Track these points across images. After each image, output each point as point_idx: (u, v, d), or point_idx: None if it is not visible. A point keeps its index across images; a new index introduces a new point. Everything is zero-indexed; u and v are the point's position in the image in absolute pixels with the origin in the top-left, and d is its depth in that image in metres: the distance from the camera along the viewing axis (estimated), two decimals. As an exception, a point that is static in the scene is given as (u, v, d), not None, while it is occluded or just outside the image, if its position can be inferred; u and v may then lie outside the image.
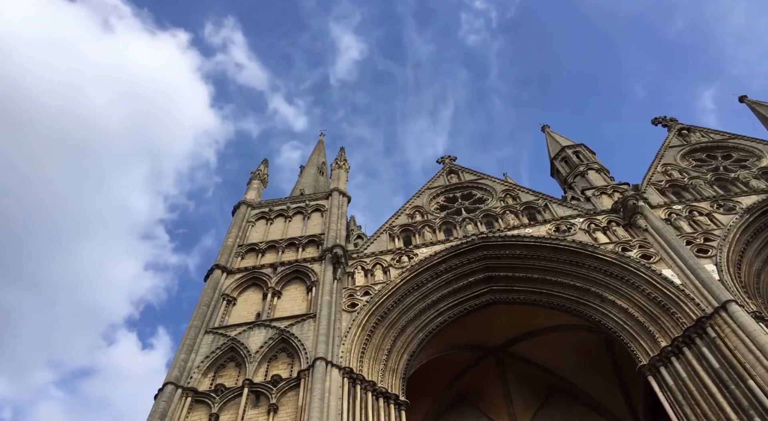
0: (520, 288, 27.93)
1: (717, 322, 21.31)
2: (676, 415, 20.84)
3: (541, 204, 32.56)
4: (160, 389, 21.99)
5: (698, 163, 35.29)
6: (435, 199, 36.49)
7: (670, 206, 29.53)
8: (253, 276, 29.07)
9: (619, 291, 25.07)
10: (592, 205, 31.25)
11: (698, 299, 22.44)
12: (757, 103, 41.96)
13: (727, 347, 20.46)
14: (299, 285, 28.22)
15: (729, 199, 29.28)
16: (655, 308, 23.59)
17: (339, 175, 38.90)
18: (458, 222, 32.30)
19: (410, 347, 26.00)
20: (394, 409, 23.06)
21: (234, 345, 24.25)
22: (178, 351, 23.92)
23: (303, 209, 35.31)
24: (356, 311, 25.58)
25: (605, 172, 36.46)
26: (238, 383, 22.46)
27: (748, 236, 26.72)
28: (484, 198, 35.40)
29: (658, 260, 25.27)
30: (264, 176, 41.74)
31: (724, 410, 19.52)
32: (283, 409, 21.12)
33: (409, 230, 32.49)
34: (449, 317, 27.38)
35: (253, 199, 37.05)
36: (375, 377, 23.55)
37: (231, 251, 30.99)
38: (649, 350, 23.01)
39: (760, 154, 34.57)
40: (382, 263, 29.14)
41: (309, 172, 51.33)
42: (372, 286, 27.30)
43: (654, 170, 33.96)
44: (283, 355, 23.83)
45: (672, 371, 21.76)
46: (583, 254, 26.68)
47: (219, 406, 21.57)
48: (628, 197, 29.03)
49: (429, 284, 27.60)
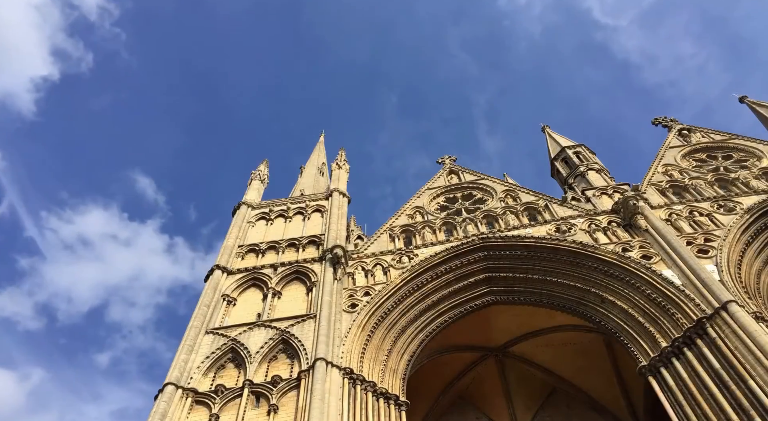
0: (520, 288, 27.90)
1: (717, 322, 21.30)
2: (676, 415, 20.82)
3: (541, 204, 32.55)
4: (161, 389, 21.96)
5: (699, 163, 35.28)
6: (435, 199, 36.48)
7: (671, 207, 29.52)
8: (253, 276, 29.06)
9: (619, 292, 25.04)
10: (593, 206, 31.24)
11: (698, 300, 22.43)
12: (758, 103, 41.94)
13: (728, 348, 20.44)
14: (299, 285, 28.20)
15: (729, 199, 29.27)
16: (656, 308, 23.57)
17: (339, 175, 38.88)
18: (458, 222, 32.30)
19: (410, 347, 25.98)
20: (394, 409, 23.04)
21: (234, 346, 24.24)
22: (179, 351, 23.90)
23: (303, 210, 35.31)
24: (356, 312, 25.57)
25: (605, 172, 36.49)
26: (238, 384, 22.45)
27: (748, 236, 26.71)
28: (484, 198, 35.38)
29: (658, 261, 25.26)
30: (264, 177, 41.71)
31: (724, 411, 19.50)
32: (283, 409, 21.10)
33: (410, 230, 32.47)
34: (450, 317, 27.36)
35: (253, 200, 37.04)
36: (375, 377, 23.53)
37: (231, 251, 30.97)
38: (649, 350, 22.99)
39: (761, 154, 34.55)
40: (383, 263, 29.13)
41: (309, 172, 51.36)
42: (372, 286, 27.29)
43: (654, 171, 33.95)
44: (284, 355, 23.81)
45: (672, 371, 21.74)
46: (584, 254, 26.66)
47: (219, 406, 21.55)
48: (629, 198, 29.03)
49: (429, 285, 27.58)
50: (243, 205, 35.86)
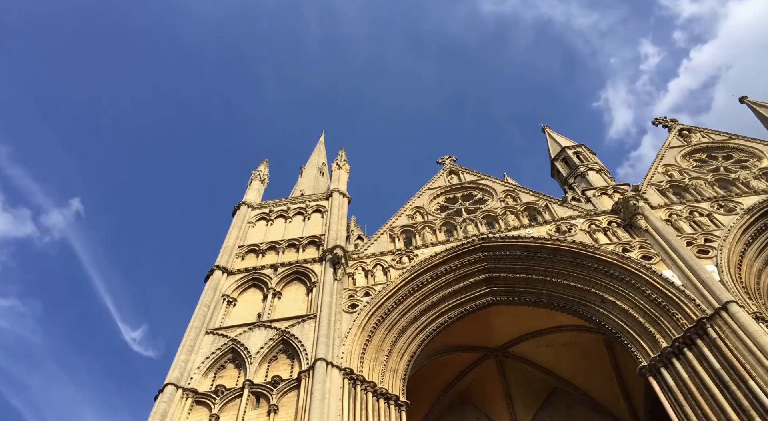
0: (520, 289, 27.90)
1: (717, 323, 21.30)
2: (676, 415, 20.82)
3: (541, 205, 32.55)
4: (161, 389, 21.94)
5: (699, 163, 35.29)
6: (435, 199, 36.48)
7: (671, 207, 29.52)
8: (253, 277, 29.06)
9: (619, 292, 25.04)
10: (593, 206, 31.24)
11: (699, 300, 22.42)
12: (758, 103, 41.95)
13: (728, 348, 20.44)
14: (299, 286, 28.20)
15: (729, 199, 29.27)
16: (656, 308, 23.56)
17: (339, 175, 38.87)
18: (459, 223, 32.30)
19: (411, 347, 25.97)
20: (394, 410, 23.03)
21: (234, 346, 24.23)
22: (179, 352, 23.89)
23: (303, 210, 35.31)
24: (357, 312, 25.56)
25: (605, 172, 36.49)
26: (238, 384, 22.45)
27: (748, 236, 26.70)
28: (484, 199, 35.38)
29: (658, 261, 25.26)
30: (264, 177, 41.69)
31: (724, 411, 19.50)
32: (283, 410, 21.09)
33: (410, 230, 32.47)
34: (450, 317, 27.35)
35: (253, 200, 37.04)
36: (375, 377, 23.52)
37: (231, 251, 30.97)
38: (649, 350, 22.99)
39: (761, 154, 34.57)
40: (383, 263, 29.13)
41: (309, 172, 51.38)
42: (372, 287, 27.28)
43: (654, 171, 33.96)
44: (284, 356, 23.80)
45: (673, 371, 21.74)
46: (584, 254, 26.65)
47: (219, 407, 21.54)
48: (629, 198, 29.03)
49: (429, 285, 27.57)
50: (243, 206, 35.86)
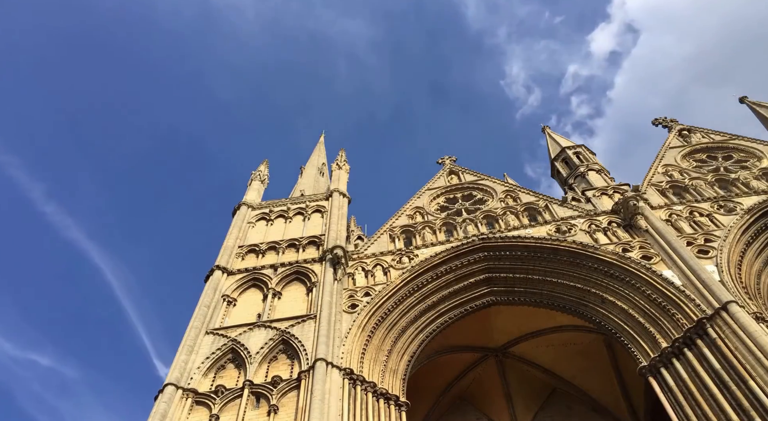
0: (520, 289, 27.90)
1: (718, 323, 21.29)
2: (677, 415, 20.81)
3: (541, 205, 32.55)
4: (161, 390, 21.95)
5: (699, 163, 35.28)
6: (435, 200, 36.48)
7: (671, 207, 29.52)
8: (253, 277, 29.05)
9: (619, 292, 25.03)
10: (593, 206, 31.23)
11: (699, 300, 22.42)
12: (758, 103, 41.94)
13: (728, 348, 20.44)
14: (299, 286, 28.19)
15: (729, 200, 29.27)
16: (656, 309, 23.56)
17: (339, 176, 38.87)
18: (459, 223, 32.29)
19: (411, 347, 25.97)
20: (394, 410, 23.02)
21: (234, 346, 24.23)
22: (179, 352, 23.88)
23: (303, 210, 35.30)
24: (357, 312, 25.55)
25: (605, 173, 36.47)
26: (238, 384, 22.44)
27: (748, 236, 26.70)
28: (484, 199, 35.38)
29: (658, 261, 25.25)
30: (264, 177, 41.68)
31: (724, 411, 19.49)
32: (283, 410, 21.08)
33: (410, 230, 32.47)
34: (450, 317, 27.35)
35: (253, 200, 37.02)
36: (375, 378, 23.52)
37: (231, 251, 30.95)
38: (649, 350, 22.98)
39: (761, 154, 34.57)
40: (383, 263, 29.12)
41: (309, 172, 51.38)
42: (372, 287, 27.28)
43: (654, 171, 33.96)
44: (284, 356, 23.80)
45: (673, 371, 21.73)
46: (584, 254, 26.65)
47: (219, 407, 21.54)
48: (629, 198, 29.02)
49: (429, 285, 27.57)
50: (243, 206, 35.85)
